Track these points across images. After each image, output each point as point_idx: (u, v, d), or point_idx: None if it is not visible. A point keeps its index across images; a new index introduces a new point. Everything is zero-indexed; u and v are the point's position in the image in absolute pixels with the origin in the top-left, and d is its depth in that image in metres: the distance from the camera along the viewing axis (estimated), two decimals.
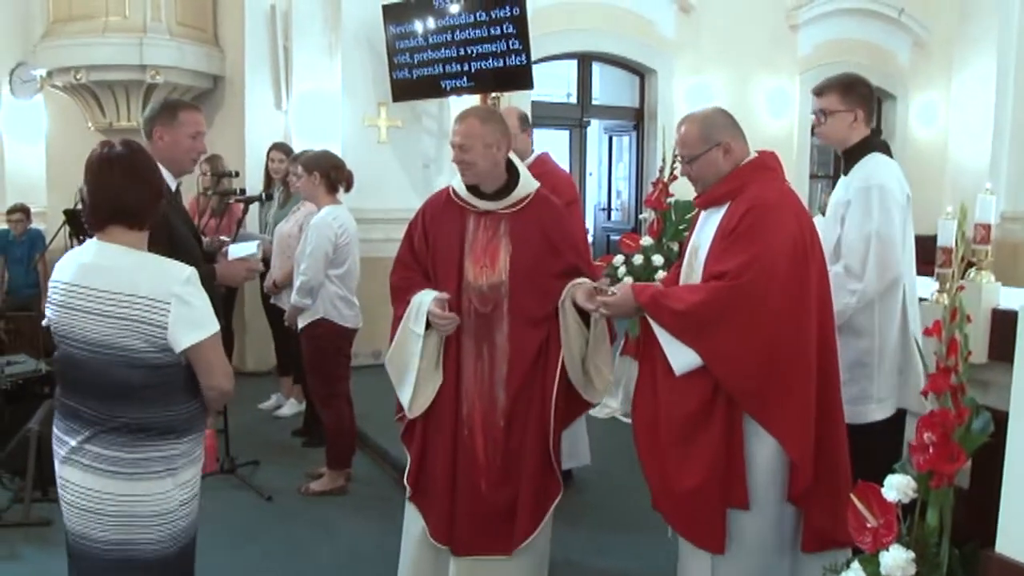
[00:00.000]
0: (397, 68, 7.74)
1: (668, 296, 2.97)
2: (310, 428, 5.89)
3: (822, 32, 11.44)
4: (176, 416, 2.49)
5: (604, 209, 11.85)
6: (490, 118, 3.34)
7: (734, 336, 2.84)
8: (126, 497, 2.44)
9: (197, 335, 2.43)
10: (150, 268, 2.44)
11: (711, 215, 3.07)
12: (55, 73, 7.74)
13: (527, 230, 3.28)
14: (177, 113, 3.52)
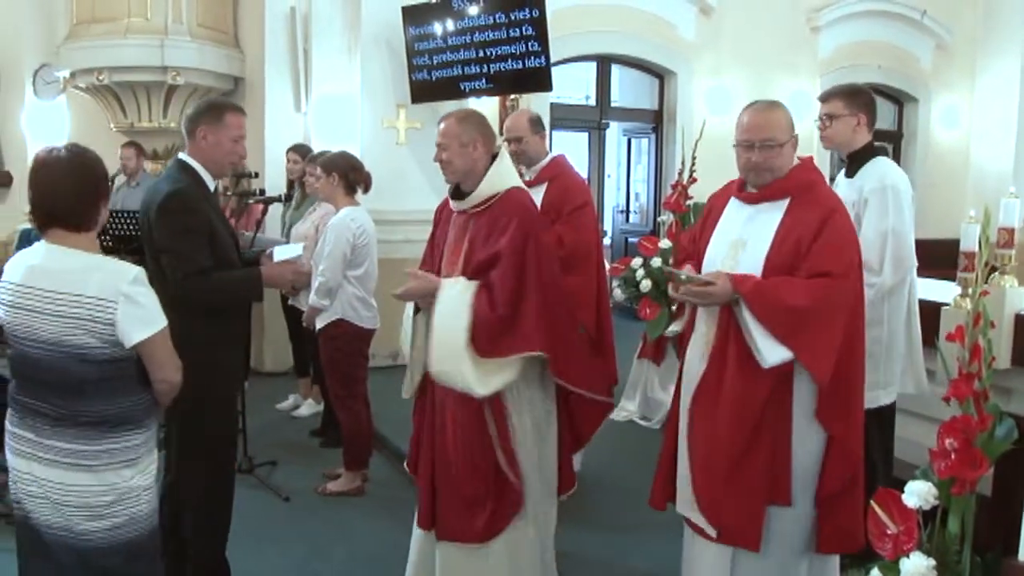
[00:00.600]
0: (416, 70, 7.75)
1: (777, 289, 2.89)
2: (327, 429, 5.90)
3: (843, 34, 11.38)
4: (132, 408, 2.59)
5: (622, 211, 11.82)
6: (467, 118, 3.41)
7: (834, 333, 2.88)
8: (91, 487, 2.53)
9: (146, 331, 2.52)
10: (98, 269, 2.52)
11: (763, 210, 3.05)
12: (78, 74, 7.81)
13: (484, 230, 3.30)
14: (224, 115, 3.48)
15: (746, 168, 3.07)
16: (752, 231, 3.05)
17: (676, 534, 4.29)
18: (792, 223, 2.96)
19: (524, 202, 3.36)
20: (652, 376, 6.36)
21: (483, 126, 3.39)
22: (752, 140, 3.00)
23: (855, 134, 3.88)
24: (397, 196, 7.23)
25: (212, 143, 3.44)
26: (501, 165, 3.40)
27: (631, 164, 11.62)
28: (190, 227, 3.31)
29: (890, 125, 12.48)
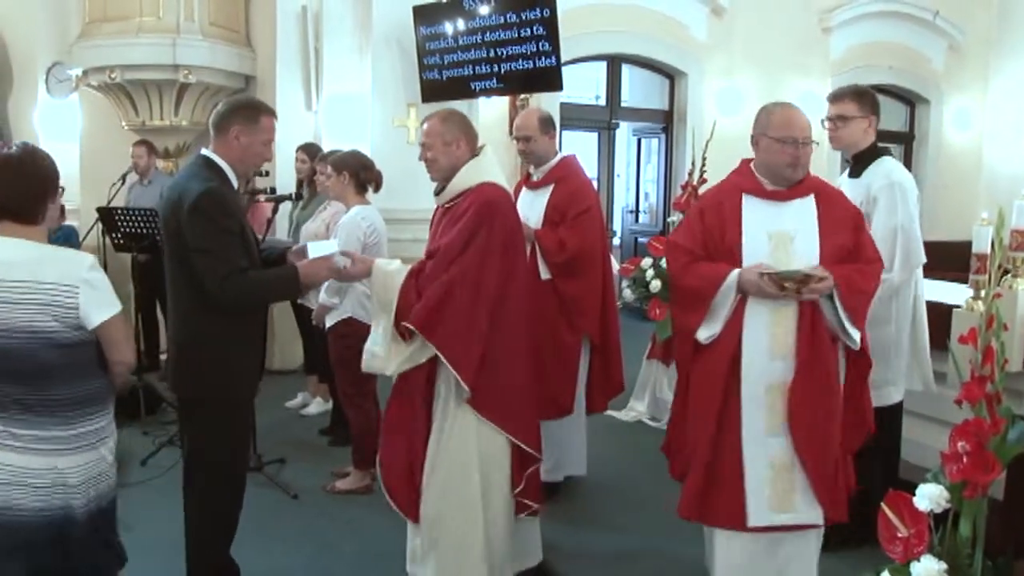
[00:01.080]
0: (427, 69, 7.76)
1: (855, 276, 3.16)
2: (336, 427, 5.91)
3: (855, 35, 11.36)
4: (95, 389, 2.78)
5: (632, 211, 11.82)
6: (450, 117, 3.50)
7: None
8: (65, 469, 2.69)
9: (106, 313, 2.70)
10: (55, 258, 2.70)
11: (795, 206, 3.25)
12: (90, 72, 7.83)
13: (445, 226, 3.38)
14: (260, 117, 3.42)
15: (791, 164, 3.19)
16: (795, 225, 3.20)
17: (685, 534, 4.31)
18: (829, 216, 3.20)
19: (489, 197, 3.34)
20: (661, 377, 6.36)
21: (465, 125, 3.48)
22: (799, 137, 3.16)
23: (864, 135, 3.96)
24: (407, 195, 7.21)
25: (244, 144, 3.37)
26: (479, 162, 3.45)
27: (641, 164, 11.62)
28: (225, 227, 3.23)
29: (901, 126, 12.45)
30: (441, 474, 3.37)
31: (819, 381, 3.12)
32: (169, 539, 4.27)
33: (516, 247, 3.44)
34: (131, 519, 4.60)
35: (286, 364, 7.81)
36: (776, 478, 3.14)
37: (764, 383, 3.14)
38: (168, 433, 5.81)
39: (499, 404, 3.33)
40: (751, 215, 3.22)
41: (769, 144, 3.19)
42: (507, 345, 3.34)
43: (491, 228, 3.28)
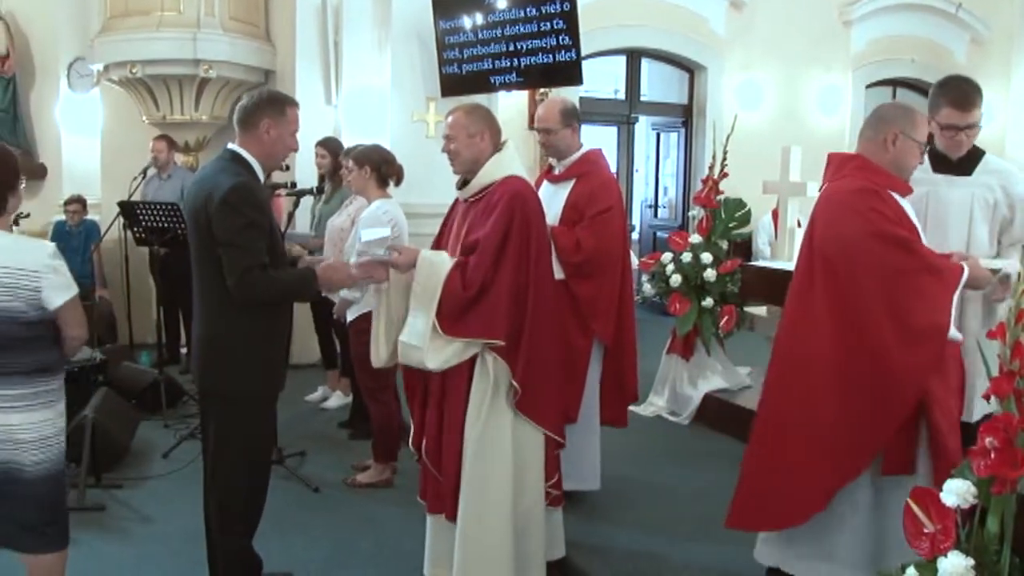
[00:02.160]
0: (446, 63, 7.76)
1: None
2: (356, 421, 5.93)
3: (876, 28, 11.28)
4: (50, 358, 3.07)
5: (651, 206, 11.78)
6: (474, 111, 3.52)
7: None
8: (17, 425, 2.98)
9: (65, 296, 3.00)
10: (22, 247, 2.99)
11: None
12: (111, 67, 7.86)
13: (479, 217, 3.37)
14: (286, 108, 3.40)
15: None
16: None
17: (705, 529, 4.31)
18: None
19: (518, 189, 3.35)
20: (681, 371, 6.35)
21: (489, 119, 3.49)
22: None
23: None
24: (426, 189, 7.22)
25: (275, 137, 3.36)
26: (503, 155, 3.46)
27: (660, 158, 11.58)
28: (253, 221, 3.22)
29: None
30: (478, 470, 3.36)
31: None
32: (189, 531, 4.31)
33: (543, 239, 3.44)
34: (152, 511, 4.67)
35: (304, 358, 7.82)
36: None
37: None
38: (189, 426, 5.84)
39: (537, 400, 3.34)
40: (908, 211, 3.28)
41: (910, 145, 3.23)
42: (541, 337, 3.34)
43: (524, 220, 3.29)
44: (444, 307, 3.22)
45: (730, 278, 6.18)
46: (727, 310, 6.15)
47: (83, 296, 7.82)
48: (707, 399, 6.18)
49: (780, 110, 10.75)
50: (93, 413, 5.00)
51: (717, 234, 6.35)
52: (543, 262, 3.40)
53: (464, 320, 3.23)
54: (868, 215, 3.16)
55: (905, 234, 3.17)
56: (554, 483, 3.52)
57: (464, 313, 3.22)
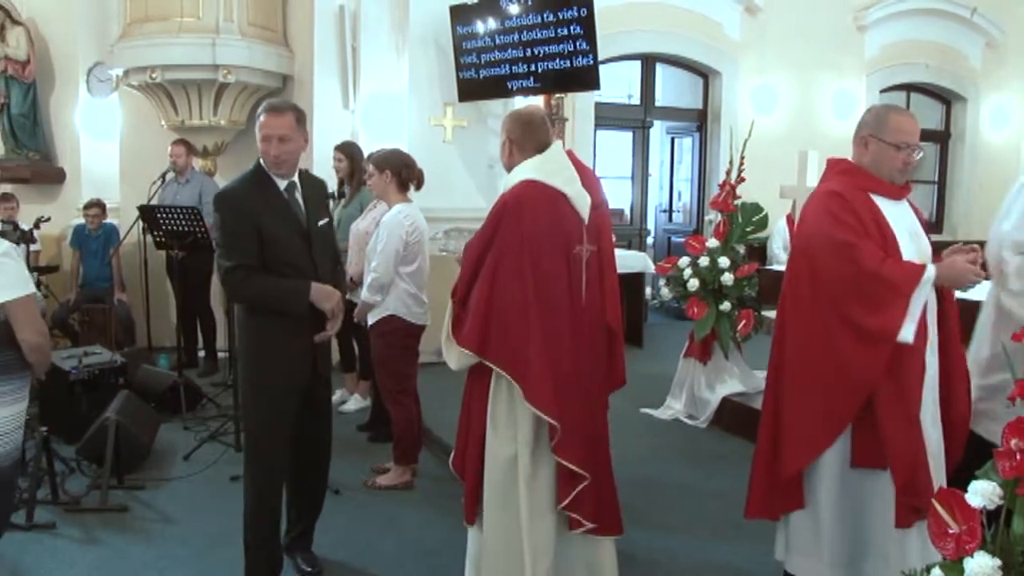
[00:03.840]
0: (463, 68, 7.80)
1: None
2: (376, 424, 5.96)
3: (890, 33, 11.28)
4: (7, 359, 3.11)
5: (665, 211, 11.80)
6: (510, 116, 3.61)
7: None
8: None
9: (8, 294, 3.02)
10: None
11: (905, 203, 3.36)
12: (131, 72, 7.91)
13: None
14: (259, 116, 3.64)
15: (911, 169, 3.29)
16: (912, 222, 3.32)
17: (723, 533, 4.32)
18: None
19: (514, 194, 3.32)
20: (699, 375, 6.35)
21: (518, 127, 3.48)
22: (912, 143, 3.25)
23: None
24: (443, 194, 7.27)
25: (259, 143, 3.59)
26: (530, 161, 3.41)
27: (674, 163, 11.60)
28: (229, 226, 3.52)
29: (937, 125, 12.34)
30: (492, 477, 3.37)
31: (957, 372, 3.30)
32: (212, 532, 4.36)
33: (540, 244, 3.28)
34: (174, 512, 4.70)
35: None
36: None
37: (929, 375, 3.24)
38: (209, 429, 5.89)
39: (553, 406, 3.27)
40: (888, 215, 3.26)
41: (883, 148, 3.24)
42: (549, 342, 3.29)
43: (509, 226, 3.26)
44: (454, 312, 3.39)
45: (747, 282, 6.19)
46: (745, 314, 6.16)
47: (101, 299, 7.92)
48: (725, 402, 6.19)
49: (794, 115, 10.75)
50: (116, 415, 5.04)
51: (734, 238, 6.36)
52: (543, 263, 3.28)
53: (459, 328, 3.35)
54: (824, 217, 3.23)
55: (849, 239, 3.17)
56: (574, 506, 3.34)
57: (460, 322, 3.35)
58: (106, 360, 6.00)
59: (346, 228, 5.89)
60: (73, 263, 8.24)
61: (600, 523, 3.39)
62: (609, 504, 3.48)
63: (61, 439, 5.39)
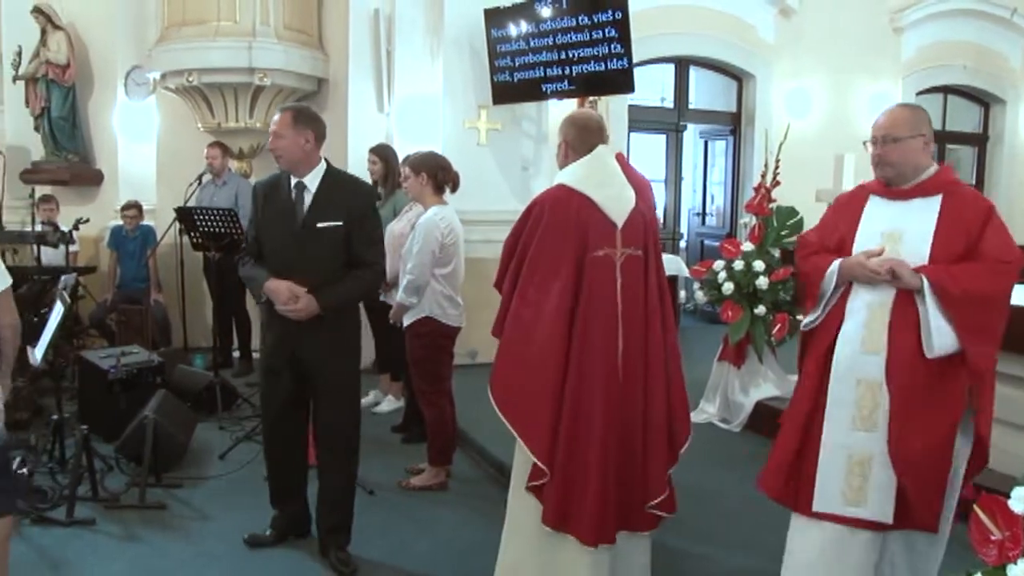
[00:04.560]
0: (498, 71, 7.81)
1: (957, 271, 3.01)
2: (410, 424, 5.98)
3: (927, 34, 11.18)
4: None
5: (698, 214, 11.75)
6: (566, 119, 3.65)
7: (998, 315, 3.04)
8: None
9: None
10: None
11: (916, 205, 3.14)
12: (168, 76, 8.01)
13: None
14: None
15: (874, 164, 3.22)
16: (909, 224, 3.13)
17: (759, 536, 4.29)
18: (952, 216, 3.06)
19: (541, 197, 3.48)
20: (732, 379, 6.32)
21: (569, 130, 3.55)
22: (876, 136, 3.18)
23: None
24: (477, 196, 7.28)
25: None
26: (566, 168, 3.50)
27: (707, 167, 11.55)
28: (249, 214, 4.20)
29: (975, 127, 12.21)
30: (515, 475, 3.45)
31: (918, 381, 3.03)
32: (249, 529, 4.40)
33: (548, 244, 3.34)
34: (212, 510, 4.76)
35: None
36: (850, 472, 3.15)
37: (855, 376, 3.13)
38: (244, 428, 5.94)
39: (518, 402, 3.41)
40: (871, 213, 3.23)
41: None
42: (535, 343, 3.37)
43: (532, 227, 3.39)
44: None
45: (782, 286, 6.15)
46: (780, 318, 6.11)
47: (137, 300, 8.02)
48: (759, 406, 6.15)
49: (829, 118, 10.67)
50: (153, 414, 5.09)
51: (769, 242, 6.32)
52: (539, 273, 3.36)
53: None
54: None
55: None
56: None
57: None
58: (143, 360, 6.07)
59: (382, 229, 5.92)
60: (110, 264, 8.35)
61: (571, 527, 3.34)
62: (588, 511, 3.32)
63: (100, 437, 5.45)
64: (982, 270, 2.98)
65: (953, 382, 3.02)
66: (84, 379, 6.00)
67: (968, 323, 2.97)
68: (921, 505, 3.10)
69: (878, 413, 3.10)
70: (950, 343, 2.97)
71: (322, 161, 4.04)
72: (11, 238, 8.05)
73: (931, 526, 3.11)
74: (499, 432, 3.89)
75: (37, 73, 9.13)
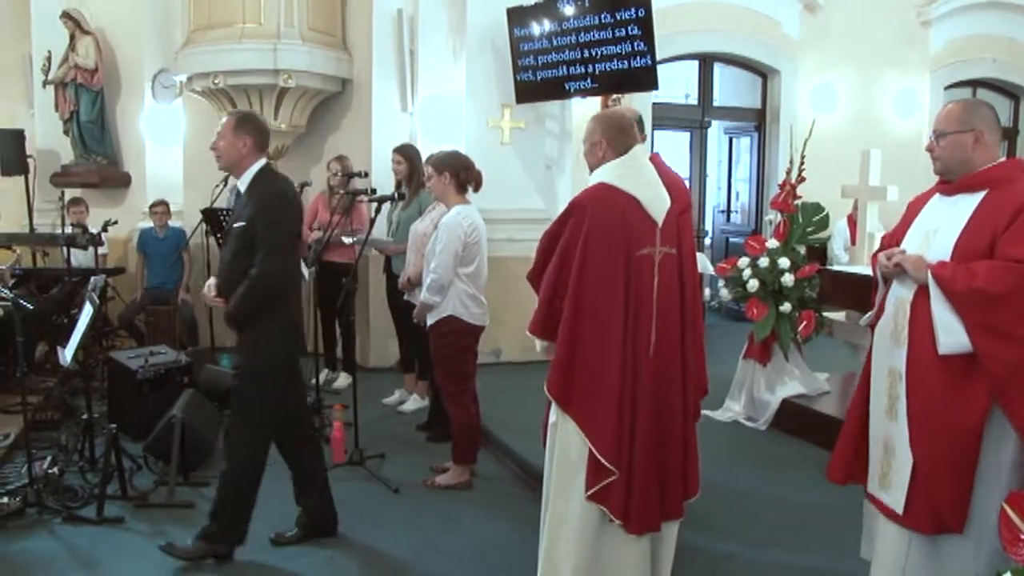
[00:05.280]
0: (521, 70, 7.81)
1: (963, 268, 2.96)
2: (434, 423, 6.00)
3: (955, 28, 11.04)
4: None
5: (723, 211, 11.70)
6: (598, 118, 3.61)
7: (1015, 318, 2.89)
8: None
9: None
10: None
11: (958, 200, 3.12)
12: (194, 78, 8.07)
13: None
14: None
15: (934, 159, 3.22)
16: (945, 221, 3.13)
17: (785, 535, 4.27)
18: (987, 212, 3.01)
19: (583, 195, 3.46)
20: (758, 377, 6.28)
21: (610, 128, 3.51)
22: (934, 130, 3.20)
23: None
24: (501, 195, 7.28)
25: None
26: (610, 163, 3.47)
27: (732, 163, 11.50)
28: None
29: (1005, 121, 12.06)
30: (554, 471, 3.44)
31: (933, 377, 3.01)
32: (275, 527, 4.43)
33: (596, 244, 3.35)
34: None
35: (381, 361, 7.95)
36: (883, 458, 3.23)
37: (885, 367, 3.20)
38: None
39: (583, 403, 3.38)
40: (927, 211, 3.25)
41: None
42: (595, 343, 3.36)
43: (576, 224, 3.37)
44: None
45: (808, 283, 6.11)
46: (806, 315, 6.07)
47: (165, 300, 8.09)
48: (785, 404, 6.11)
49: (855, 113, 10.58)
50: (181, 413, 5.14)
51: (795, 239, 6.28)
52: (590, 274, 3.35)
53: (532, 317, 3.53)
54: None
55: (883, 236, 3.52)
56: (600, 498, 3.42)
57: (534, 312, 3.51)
58: (171, 360, 6.13)
59: (405, 230, 5.95)
60: (138, 265, 8.43)
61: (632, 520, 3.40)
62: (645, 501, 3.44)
63: (129, 436, 5.51)
64: (993, 268, 2.89)
65: (970, 384, 2.93)
66: (113, 379, 6.07)
67: (977, 322, 2.89)
68: (941, 501, 3.03)
69: (899, 403, 3.13)
70: (960, 342, 2.91)
71: (256, 166, 4.00)
72: (42, 240, 8.13)
73: (953, 526, 3.03)
74: (524, 431, 3.93)
75: (66, 77, 9.22)
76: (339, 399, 6.34)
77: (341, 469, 5.26)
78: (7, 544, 4.24)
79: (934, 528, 3.05)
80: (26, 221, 8.98)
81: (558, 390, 3.39)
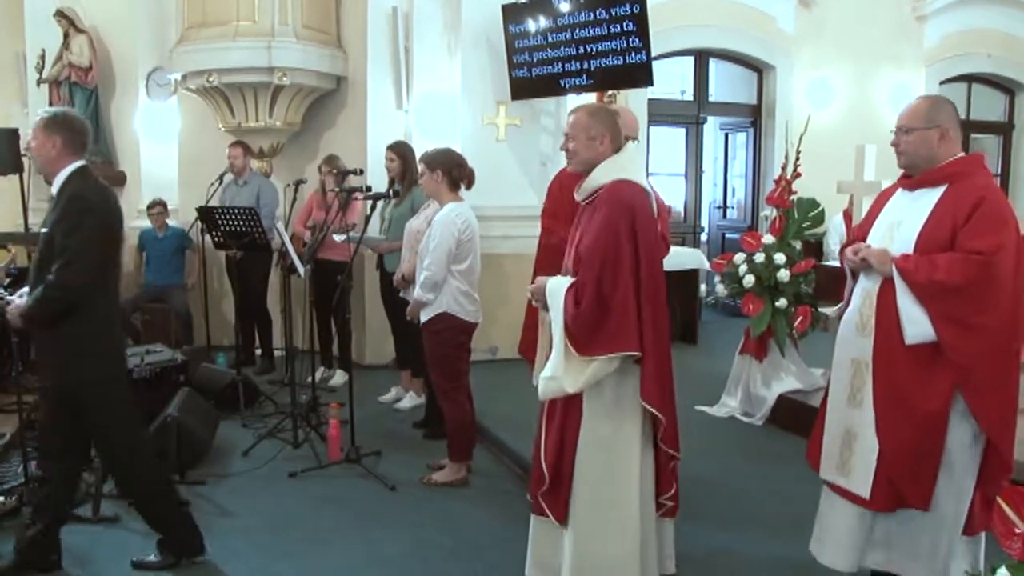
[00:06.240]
0: (516, 67, 7.80)
1: (925, 261, 3.08)
2: (431, 421, 6.00)
3: (951, 22, 11.05)
4: None
5: (719, 207, 11.70)
6: (597, 112, 3.51)
7: (974, 308, 3.02)
8: None
9: None
10: None
11: (920, 195, 3.22)
12: (189, 76, 8.05)
13: (589, 223, 3.35)
14: None
15: (899, 154, 3.30)
16: (907, 215, 3.24)
17: (782, 530, 4.27)
18: (947, 206, 3.12)
19: (621, 194, 3.29)
20: (754, 372, 6.29)
21: (611, 122, 3.45)
22: (897, 126, 3.29)
23: None
24: (496, 192, 7.28)
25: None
26: (618, 158, 3.41)
27: (728, 159, 11.50)
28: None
29: (1000, 116, 12.07)
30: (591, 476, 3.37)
31: (899, 366, 3.14)
32: (270, 525, 4.45)
33: (652, 249, 3.33)
34: (234, 506, 4.80)
35: (377, 359, 7.95)
36: (843, 445, 3.35)
37: (849, 356, 3.33)
38: (267, 426, 5.99)
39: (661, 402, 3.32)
40: (891, 205, 3.36)
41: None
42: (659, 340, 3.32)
43: (630, 230, 3.23)
44: (571, 328, 3.19)
45: (804, 278, 6.12)
46: (802, 310, 6.08)
47: (161, 299, 8.07)
48: (781, 400, 6.12)
49: (851, 108, 10.57)
50: (177, 412, 5.14)
51: (790, 234, 6.28)
52: (654, 274, 3.31)
53: (595, 337, 3.18)
54: None
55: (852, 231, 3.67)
56: (671, 495, 3.50)
57: (593, 331, 3.17)
58: (167, 358, 6.13)
59: (397, 227, 5.95)
60: (137, 264, 8.42)
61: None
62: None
63: None
64: (953, 260, 3.03)
65: (936, 370, 3.08)
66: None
67: (939, 312, 3.04)
68: (906, 482, 3.18)
69: (864, 391, 3.25)
70: (925, 332, 3.07)
71: (69, 168, 3.77)
72: (36, 239, 8.11)
73: (919, 504, 3.17)
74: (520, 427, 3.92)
75: (60, 76, 9.19)
76: (335, 397, 6.32)
77: (337, 467, 5.26)
78: (3, 543, 4.23)
79: (898, 508, 3.21)
80: (21, 220, 8.95)
81: (659, 401, 3.28)
